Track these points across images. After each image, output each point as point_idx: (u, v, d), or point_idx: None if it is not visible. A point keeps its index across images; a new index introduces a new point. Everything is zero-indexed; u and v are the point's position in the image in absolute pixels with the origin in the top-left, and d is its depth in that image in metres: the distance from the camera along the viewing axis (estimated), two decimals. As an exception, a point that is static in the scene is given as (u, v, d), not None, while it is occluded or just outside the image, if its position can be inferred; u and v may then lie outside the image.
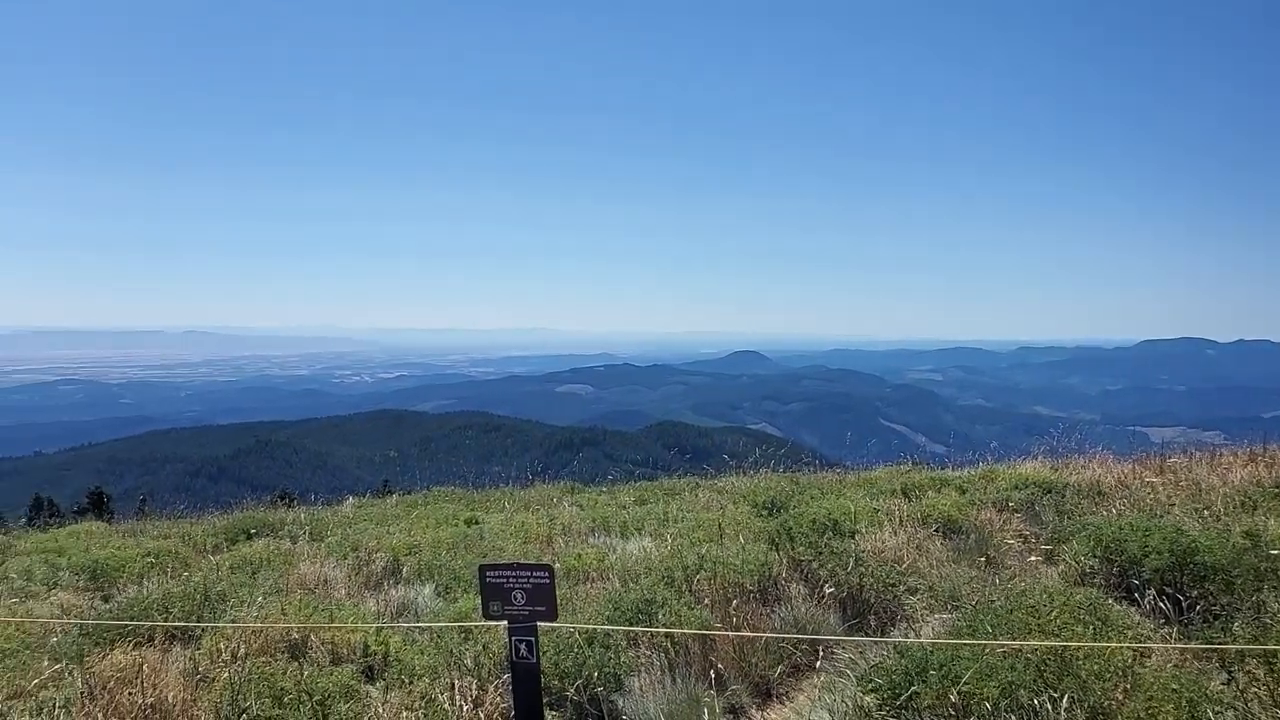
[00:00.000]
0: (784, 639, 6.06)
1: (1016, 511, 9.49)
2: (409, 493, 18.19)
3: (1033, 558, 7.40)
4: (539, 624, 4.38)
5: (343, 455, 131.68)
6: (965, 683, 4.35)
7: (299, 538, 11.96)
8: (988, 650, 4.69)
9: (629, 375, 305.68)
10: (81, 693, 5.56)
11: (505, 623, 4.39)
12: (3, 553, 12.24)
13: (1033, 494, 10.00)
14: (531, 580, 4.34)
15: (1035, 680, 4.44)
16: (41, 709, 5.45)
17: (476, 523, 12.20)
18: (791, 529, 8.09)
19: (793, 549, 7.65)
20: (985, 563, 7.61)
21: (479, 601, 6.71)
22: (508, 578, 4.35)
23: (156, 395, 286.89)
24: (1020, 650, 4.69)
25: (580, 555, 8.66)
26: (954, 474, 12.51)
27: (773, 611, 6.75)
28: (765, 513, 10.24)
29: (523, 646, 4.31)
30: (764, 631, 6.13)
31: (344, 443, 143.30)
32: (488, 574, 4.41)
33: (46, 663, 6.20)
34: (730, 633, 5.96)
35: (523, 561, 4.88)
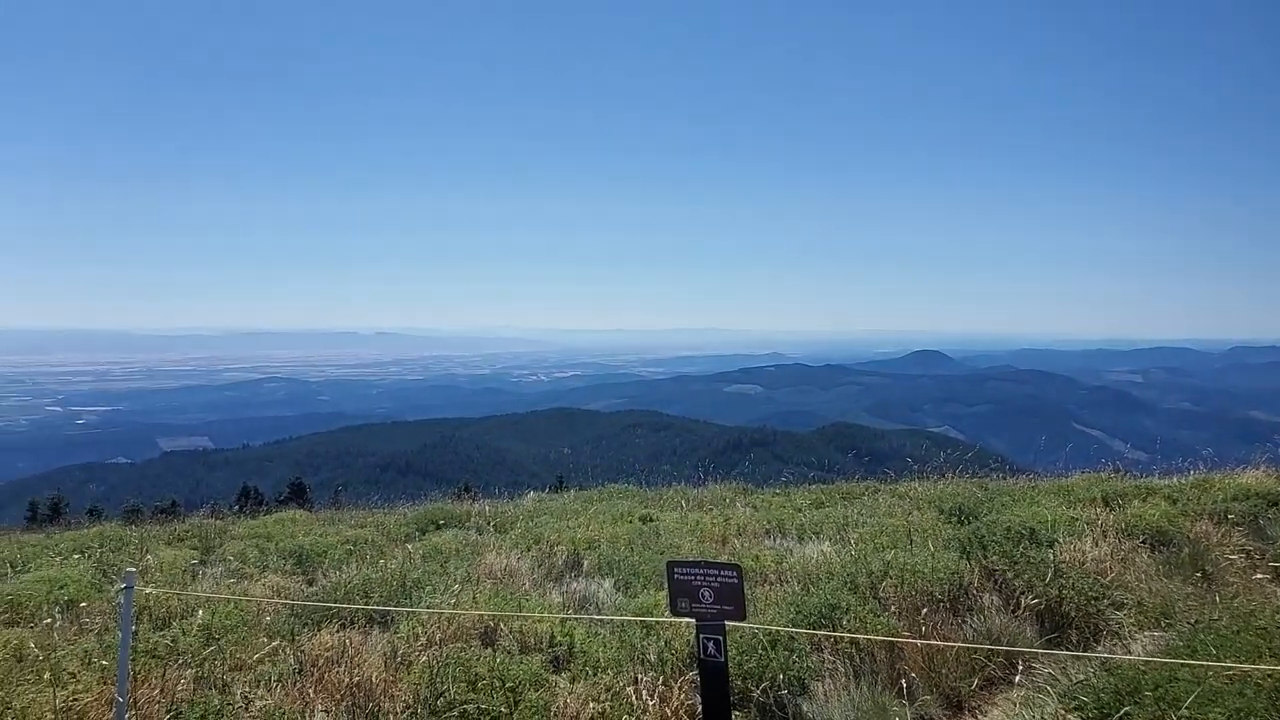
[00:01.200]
0: (977, 650, 5.81)
1: (1237, 525, 8.72)
2: (583, 489, 18.64)
3: (1259, 575, 6.78)
4: (726, 623, 4.39)
5: (520, 451, 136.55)
6: (1186, 707, 4.03)
7: (484, 529, 12.50)
8: (1211, 673, 4.33)
9: (800, 375, 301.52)
10: (294, 669, 6.03)
11: (693, 620, 4.43)
12: (220, 537, 13.39)
13: (1256, 506, 9.16)
14: (720, 579, 4.35)
15: (1268, 709, 4.06)
16: (260, 681, 5.96)
17: (651, 520, 12.35)
18: (984, 537, 7.76)
19: (985, 558, 7.33)
20: (1202, 579, 7.03)
21: (660, 597, 6.82)
22: (695, 575, 4.39)
23: (351, 393, 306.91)
24: (1249, 675, 4.30)
25: (758, 557, 8.62)
26: (1160, 482, 11.63)
27: (964, 622, 6.50)
28: (954, 520, 9.86)
29: (711, 645, 4.33)
30: (955, 641, 5.91)
31: (521, 439, 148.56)
32: (675, 571, 4.46)
33: (263, 639, 6.77)
34: (919, 640, 5.78)
35: (711, 560, 4.90)
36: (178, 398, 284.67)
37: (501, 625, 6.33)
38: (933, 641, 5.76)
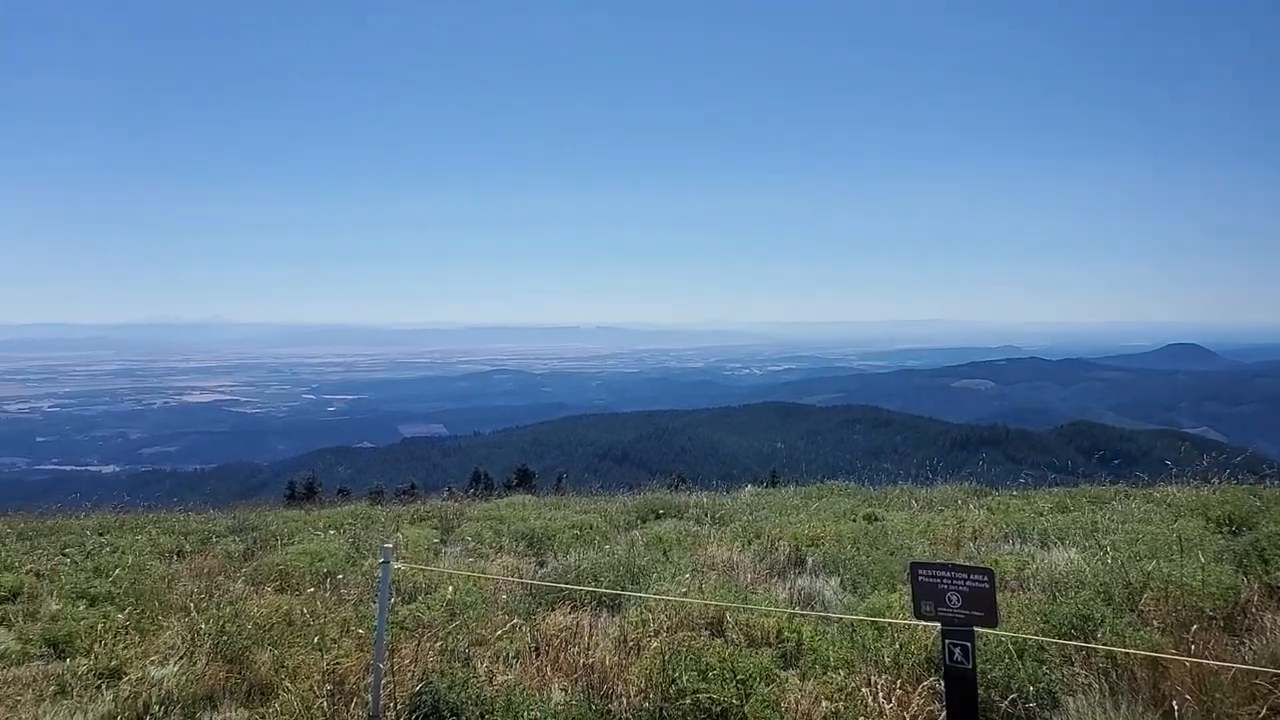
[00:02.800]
0: (1261, 674, 5.20)
1: None
2: (801, 484, 18.40)
3: None
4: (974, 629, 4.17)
5: (732, 444, 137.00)
6: None
7: (702, 521, 12.61)
8: None
9: (1036, 370, 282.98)
10: (529, 647, 6.32)
11: (938, 624, 4.23)
12: (457, 518, 14.28)
13: None
14: (969, 583, 4.14)
15: None
16: (499, 657, 6.29)
17: (876, 519, 12.00)
18: (1264, 549, 6.96)
19: (1266, 573, 6.57)
20: None
21: (892, 599, 6.59)
22: (941, 578, 4.19)
23: (572, 385, 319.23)
24: None
25: (996, 561, 8.17)
26: None
27: (1241, 642, 5.85)
28: (1225, 530, 8.92)
29: (957, 651, 4.12)
30: (1232, 663, 5.31)
31: (733, 432, 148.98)
32: (920, 572, 4.28)
33: (501, 616, 7.14)
34: (1188, 659, 5.24)
35: (958, 563, 4.67)
36: (417, 388, 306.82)
37: (728, 616, 6.34)
38: (1205, 661, 5.21)
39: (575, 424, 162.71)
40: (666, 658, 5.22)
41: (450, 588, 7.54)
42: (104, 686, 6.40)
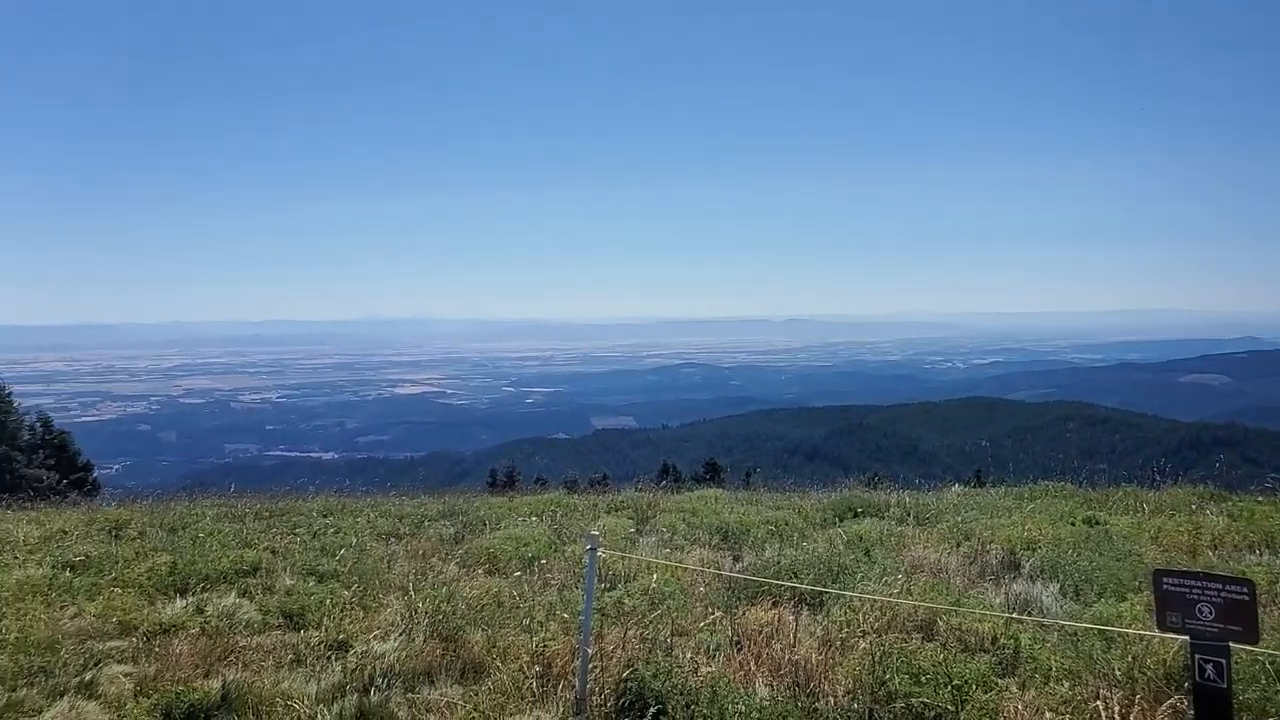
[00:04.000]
0: None
1: None
2: (1010, 485, 17.47)
3: None
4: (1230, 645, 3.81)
5: (932, 441, 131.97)
6: None
7: (904, 521, 12.21)
8: None
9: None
10: (730, 639, 6.31)
11: (1184, 638, 3.90)
12: (651, 509, 14.49)
13: None
14: (1224, 594, 3.78)
15: None
16: (699, 648, 6.33)
17: (1097, 523, 11.23)
18: None
19: None
20: None
21: (1121, 608, 6.14)
22: (1190, 588, 3.85)
23: (761, 378, 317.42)
24: None
25: (1243, 572, 7.44)
26: None
27: None
28: None
29: (1209, 668, 3.78)
30: None
31: (933, 429, 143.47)
32: (1165, 581, 3.96)
33: (699, 608, 7.19)
34: None
35: (1211, 571, 4.28)
36: (608, 381, 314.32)
37: (939, 620, 6.11)
38: None
39: (764, 418, 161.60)
40: (876, 659, 5.09)
41: (651, 577, 7.66)
42: (333, 657, 6.93)
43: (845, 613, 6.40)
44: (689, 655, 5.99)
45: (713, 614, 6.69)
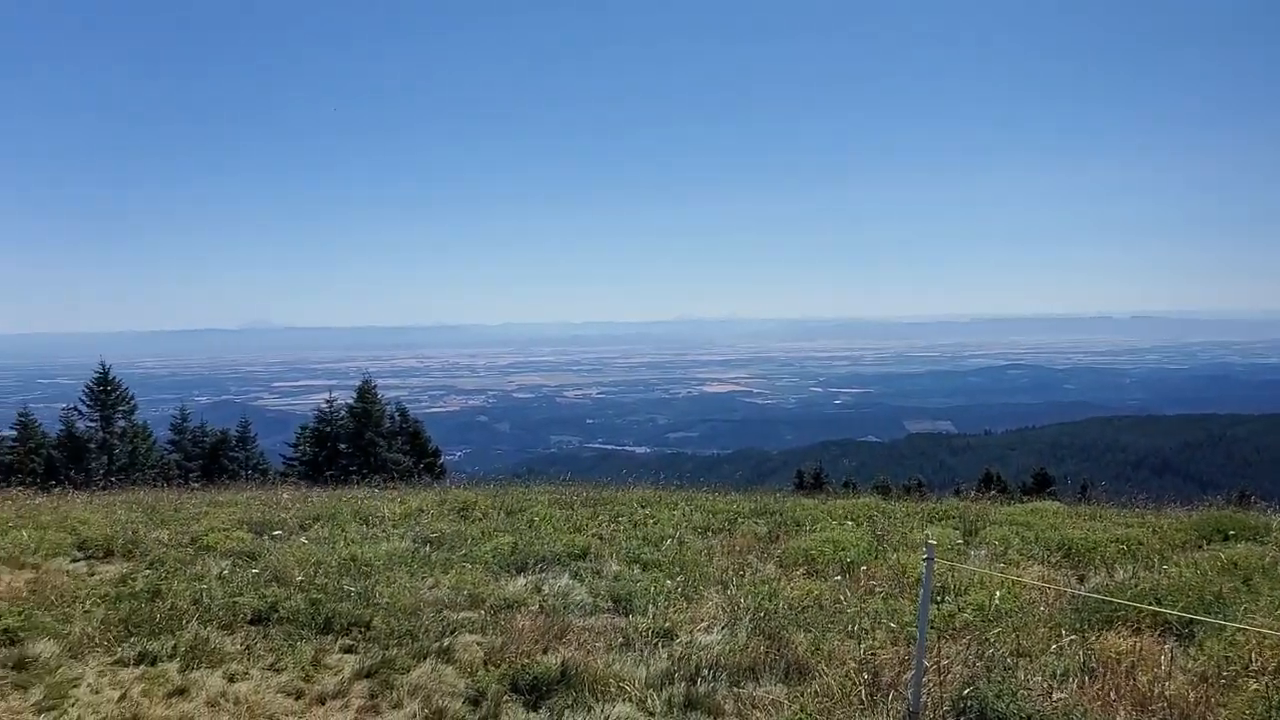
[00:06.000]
0: None
1: None
2: None
3: None
4: None
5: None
6: None
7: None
8: None
9: None
10: (1080, 665, 5.78)
11: None
12: (980, 520, 13.70)
13: None
14: None
15: None
16: (1043, 671, 5.86)
17: None
18: None
19: None
20: None
21: None
22: None
23: (1099, 382, 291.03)
24: None
25: None
26: None
27: None
28: None
29: None
30: None
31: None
32: None
33: (1043, 629, 6.66)
34: None
35: None
36: (923, 382, 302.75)
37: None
38: None
39: (1103, 426, 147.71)
40: (1274, 704, 4.42)
41: (991, 591, 7.23)
42: (660, 645, 7.20)
43: (1224, 647, 5.64)
44: (1037, 679, 5.57)
45: (1061, 636, 6.17)
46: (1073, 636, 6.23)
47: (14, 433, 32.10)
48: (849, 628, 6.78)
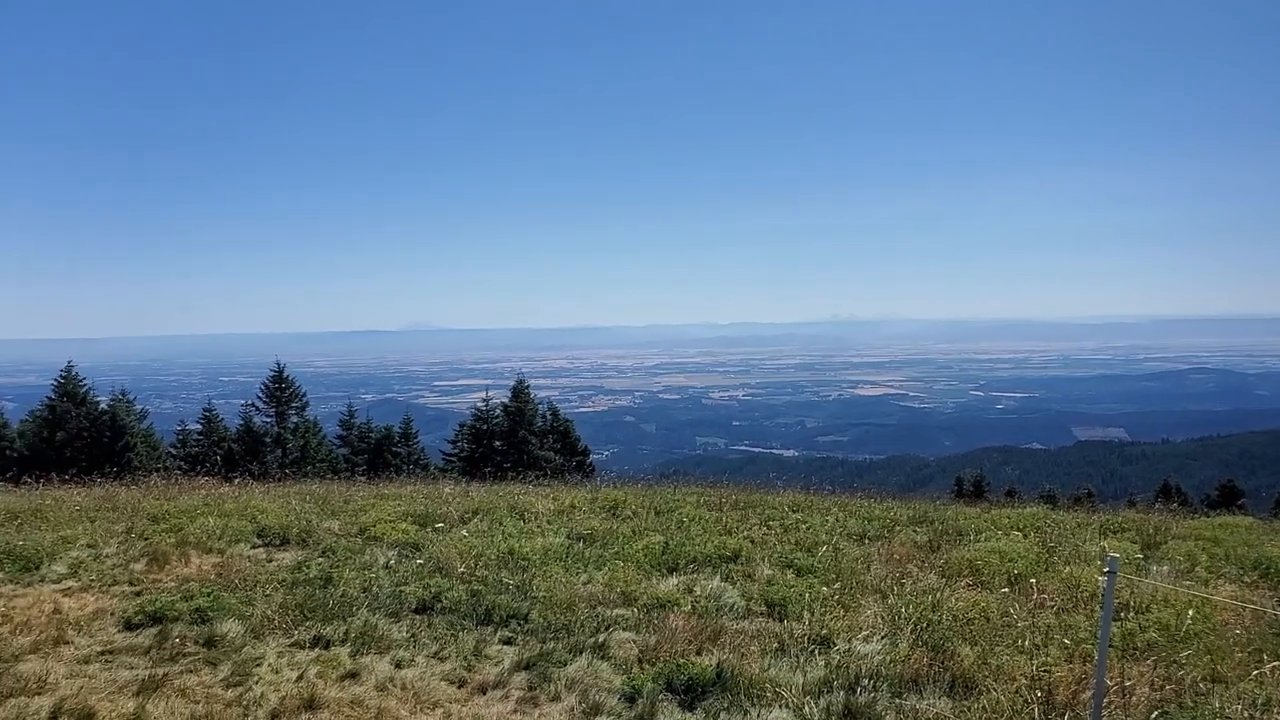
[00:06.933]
0: None
1: None
2: None
3: None
4: None
5: None
6: None
7: None
8: None
9: None
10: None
11: None
12: (1161, 534, 12.89)
13: None
14: None
15: None
16: (1241, 699, 5.44)
17: None
18: None
19: None
20: None
21: None
22: None
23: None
24: None
25: None
26: None
27: None
28: None
29: None
30: None
31: None
32: None
33: (1240, 653, 6.20)
34: None
35: None
36: (1094, 387, 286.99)
37: None
38: None
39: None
40: None
41: (1178, 610, 6.78)
42: (816, 652, 7.09)
43: None
44: (1236, 707, 5.17)
45: (1263, 662, 5.71)
46: (1275, 663, 5.76)
47: (199, 427, 34.67)
48: (1019, 642, 6.48)
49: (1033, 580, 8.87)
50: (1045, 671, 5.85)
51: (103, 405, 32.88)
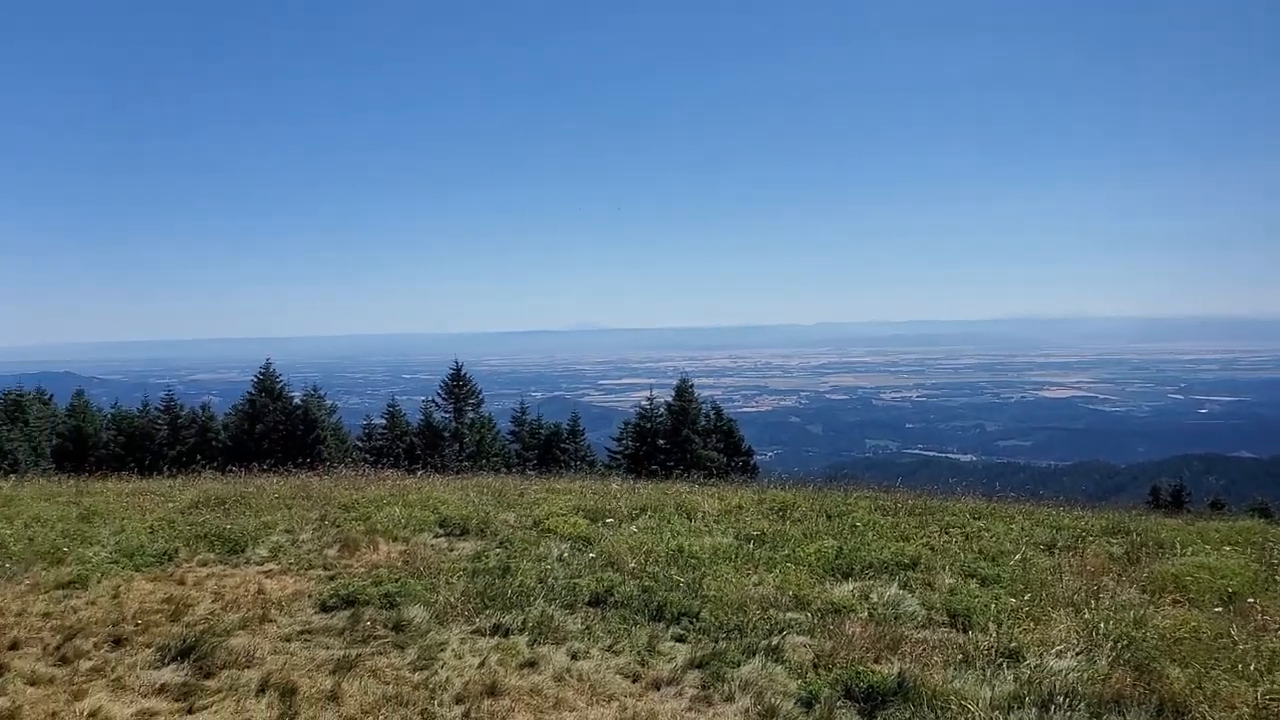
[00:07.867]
0: None
1: None
2: None
3: None
4: None
5: None
6: None
7: None
8: None
9: None
10: None
11: None
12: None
13: None
14: None
15: None
16: None
17: None
18: None
19: None
20: None
21: None
22: None
23: None
24: None
25: None
26: None
27: None
28: None
29: None
30: None
31: None
32: None
33: None
34: None
35: None
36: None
37: None
38: None
39: None
40: None
41: None
42: (1004, 665, 6.76)
43: None
44: None
45: None
46: None
47: (383, 421, 36.65)
48: (1238, 667, 5.98)
49: (1251, 599, 8.18)
50: (1272, 699, 5.37)
51: (296, 400, 35.28)
